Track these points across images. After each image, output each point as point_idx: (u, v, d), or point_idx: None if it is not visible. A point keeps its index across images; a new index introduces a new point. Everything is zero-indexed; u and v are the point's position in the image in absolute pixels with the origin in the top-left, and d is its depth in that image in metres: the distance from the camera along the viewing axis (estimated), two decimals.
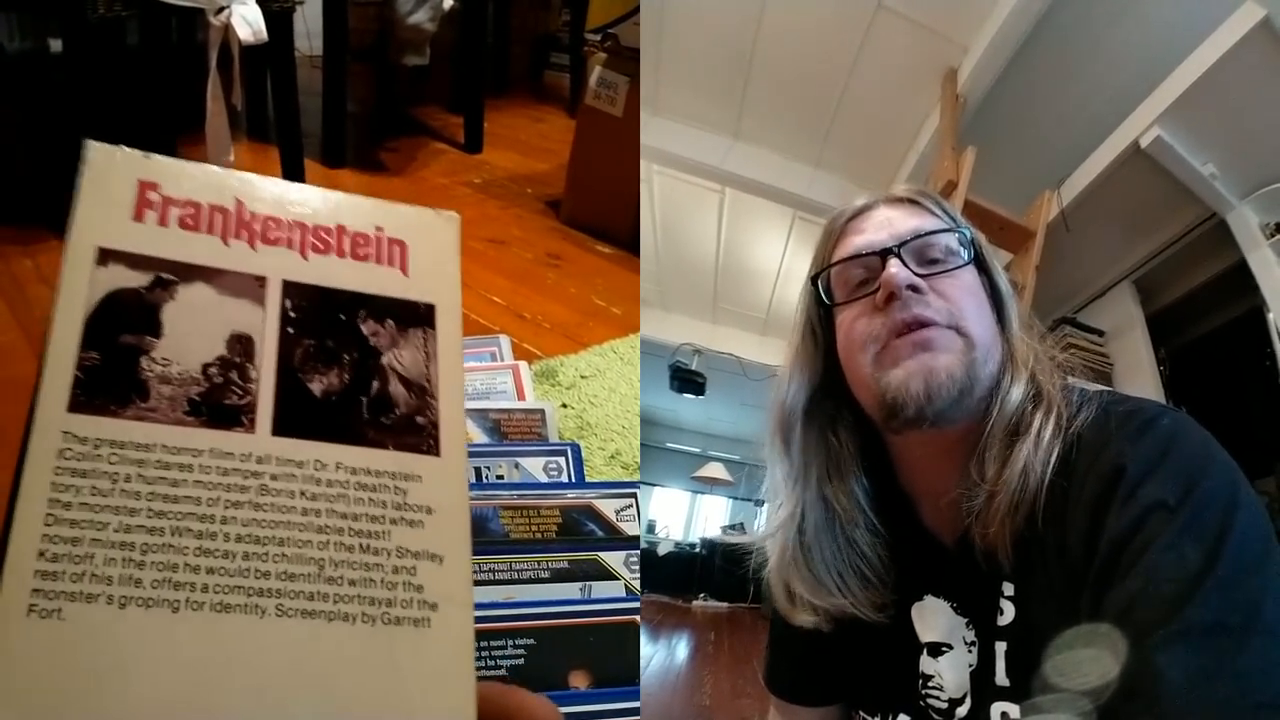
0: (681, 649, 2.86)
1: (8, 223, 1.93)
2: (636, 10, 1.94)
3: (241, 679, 0.22)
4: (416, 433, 0.26)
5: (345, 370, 0.27)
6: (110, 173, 0.28)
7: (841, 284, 0.56)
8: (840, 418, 0.57)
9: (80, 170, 0.28)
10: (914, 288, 0.51)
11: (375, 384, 0.27)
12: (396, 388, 0.27)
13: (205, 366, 0.25)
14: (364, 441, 0.26)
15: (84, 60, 1.70)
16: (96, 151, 0.28)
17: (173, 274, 0.26)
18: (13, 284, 1.67)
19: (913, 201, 0.57)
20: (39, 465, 0.23)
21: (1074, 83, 1.69)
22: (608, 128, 2.02)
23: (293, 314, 0.27)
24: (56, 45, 3.05)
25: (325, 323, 0.27)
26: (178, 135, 2.45)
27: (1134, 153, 1.59)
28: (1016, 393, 0.51)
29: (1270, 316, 1.50)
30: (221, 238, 0.27)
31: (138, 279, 0.26)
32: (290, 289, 0.27)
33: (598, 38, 2.03)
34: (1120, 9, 1.53)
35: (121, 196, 0.27)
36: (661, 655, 2.57)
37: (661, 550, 4.16)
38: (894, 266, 0.52)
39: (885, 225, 0.55)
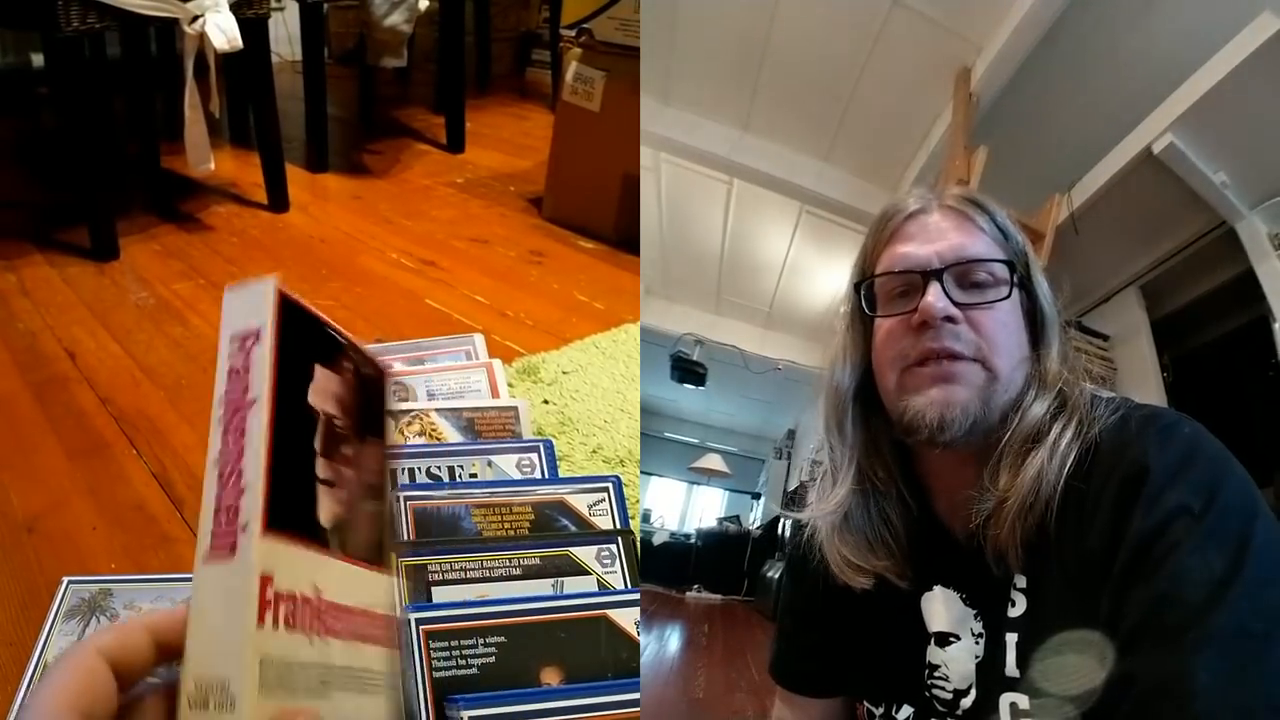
0: (674, 640, 2.87)
1: None
2: (611, 4, 1.93)
3: None
4: None
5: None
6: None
7: (883, 293, 0.57)
8: (879, 406, 0.58)
9: None
10: (949, 318, 0.52)
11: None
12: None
13: None
14: None
15: (64, 74, 1.69)
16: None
17: None
18: None
19: (965, 214, 0.57)
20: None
21: (1088, 86, 1.68)
22: (586, 123, 2.01)
23: None
24: (40, 60, 3.05)
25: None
26: (160, 144, 2.46)
27: (1146, 158, 1.59)
28: (1038, 409, 0.52)
29: (1276, 327, 1.50)
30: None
31: None
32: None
33: (573, 33, 2.01)
34: (1137, 14, 1.52)
35: None
36: (654, 646, 2.58)
37: (656, 540, 4.17)
38: (932, 295, 0.52)
39: (935, 238, 0.55)
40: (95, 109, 1.78)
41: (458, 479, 0.96)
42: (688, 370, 2.99)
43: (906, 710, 0.59)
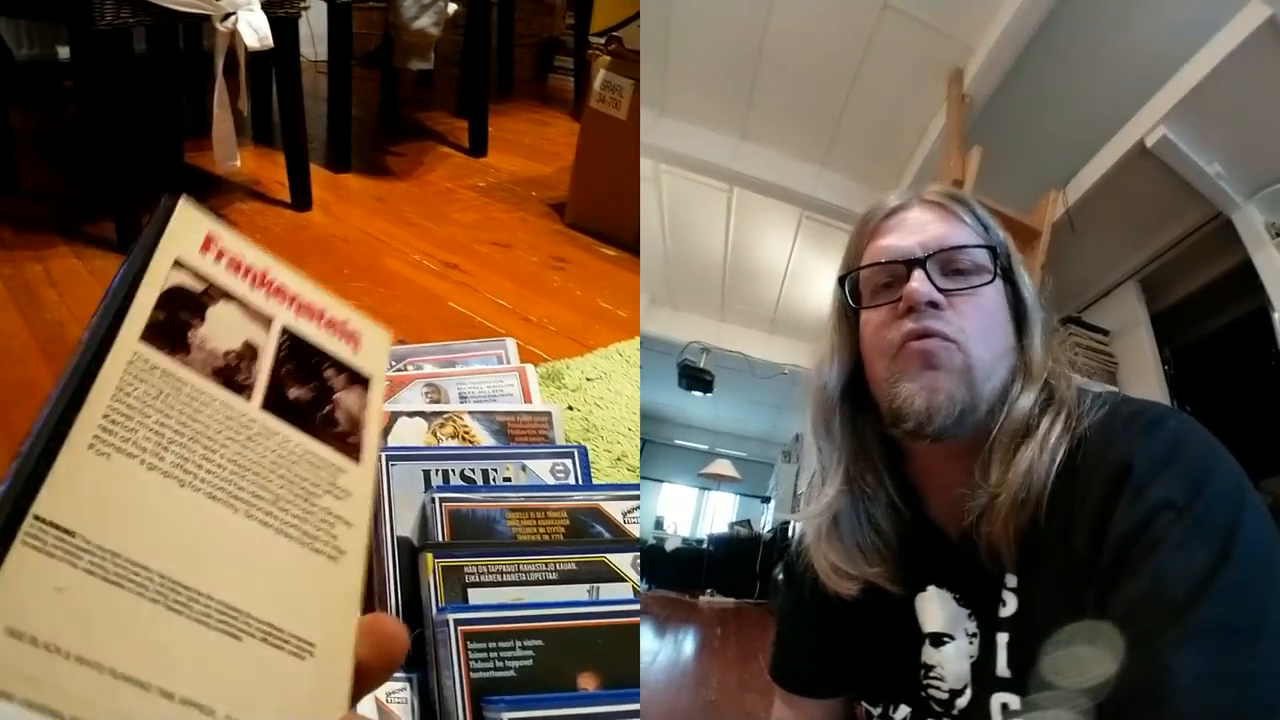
0: (688, 644, 2.87)
1: (19, 228, 1.95)
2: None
3: (215, 550, 0.31)
4: (347, 445, 0.38)
5: (310, 390, 0.39)
6: (192, 218, 0.39)
7: (868, 286, 0.57)
8: (867, 406, 0.58)
9: (173, 208, 0.38)
10: (933, 303, 0.53)
11: (327, 406, 0.39)
12: (340, 413, 0.39)
13: (226, 352, 0.36)
14: (316, 436, 0.37)
15: (92, 68, 1.71)
16: (186, 202, 0.38)
17: (218, 290, 0.38)
18: (24, 289, 1.68)
19: (945, 206, 0.58)
20: (115, 364, 0.33)
21: (1080, 82, 1.69)
22: (612, 131, 2.03)
23: (284, 346, 0.39)
24: (65, 52, 3.09)
25: (302, 359, 0.40)
26: (184, 140, 2.48)
27: (1140, 152, 1.59)
28: (1025, 401, 0.52)
29: (1276, 316, 1.50)
30: (252, 283, 0.39)
31: (196, 284, 0.37)
32: (286, 331, 0.40)
33: (602, 41, 2.03)
34: (1126, 7, 1.53)
35: (195, 233, 0.38)
36: (668, 650, 2.58)
37: (669, 546, 4.18)
38: (916, 280, 0.53)
39: (915, 230, 0.56)
40: (122, 104, 1.80)
41: (492, 482, 0.96)
42: (695, 378, 3.00)
43: (904, 710, 0.59)
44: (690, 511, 4.89)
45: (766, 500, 4.69)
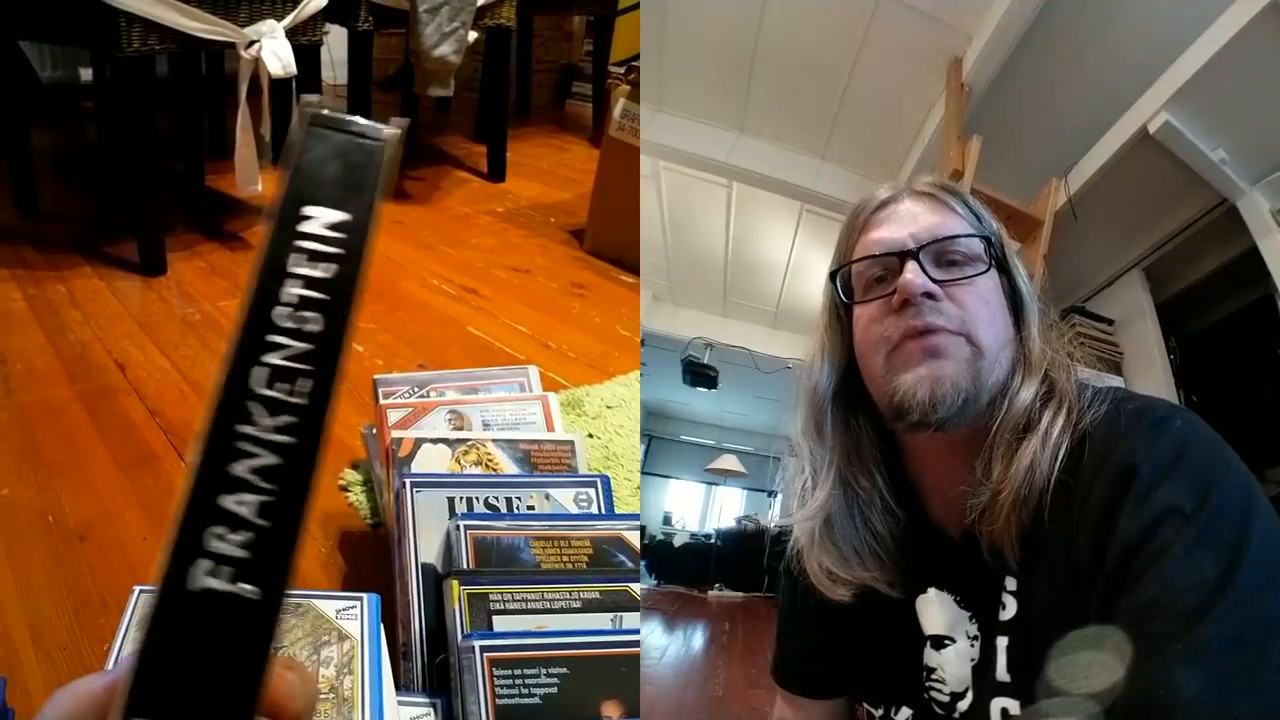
0: (697, 639, 2.88)
1: (41, 248, 1.97)
2: None
3: None
4: None
5: None
6: None
7: (860, 281, 0.56)
8: (861, 404, 0.57)
9: None
10: (929, 294, 0.51)
11: None
12: None
13: None
14: None
15: (116, 92, 1.72)
16: None
17: None
18: (47, 308, 1.69)
19: (936, 197, 0.57)
20: None
21: (1080, 68, 1.67)
22: (631, 159, 2.03)
23: None
24: (87, 75, 3.10)
25: None
26: (205, 162, 2.49)
27: (1142, 138, 1.58)
28: (1026, 394, 0.51)
29: None
30: None
31: None
32: None
33: (621, 70, 2.04)
34: None
35: None
36: (677, 645, 2.59)
37: (677, 542, 4.18)
38: (910, 272, 0.52)
39: (907, 222, 0.55)
40: (145, 127, 1.80)
41: (515, 510, 0.98)
42: (699, 374, 3.00)
43: (905, 712, 0.59)
44: (698, 507, 4.89)
45: (773, 494, 4.68)
